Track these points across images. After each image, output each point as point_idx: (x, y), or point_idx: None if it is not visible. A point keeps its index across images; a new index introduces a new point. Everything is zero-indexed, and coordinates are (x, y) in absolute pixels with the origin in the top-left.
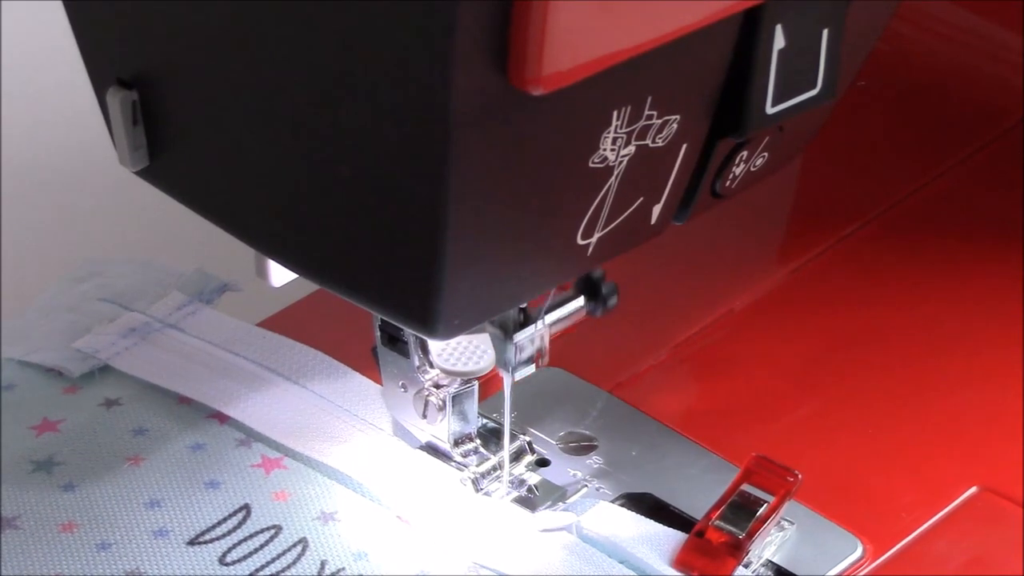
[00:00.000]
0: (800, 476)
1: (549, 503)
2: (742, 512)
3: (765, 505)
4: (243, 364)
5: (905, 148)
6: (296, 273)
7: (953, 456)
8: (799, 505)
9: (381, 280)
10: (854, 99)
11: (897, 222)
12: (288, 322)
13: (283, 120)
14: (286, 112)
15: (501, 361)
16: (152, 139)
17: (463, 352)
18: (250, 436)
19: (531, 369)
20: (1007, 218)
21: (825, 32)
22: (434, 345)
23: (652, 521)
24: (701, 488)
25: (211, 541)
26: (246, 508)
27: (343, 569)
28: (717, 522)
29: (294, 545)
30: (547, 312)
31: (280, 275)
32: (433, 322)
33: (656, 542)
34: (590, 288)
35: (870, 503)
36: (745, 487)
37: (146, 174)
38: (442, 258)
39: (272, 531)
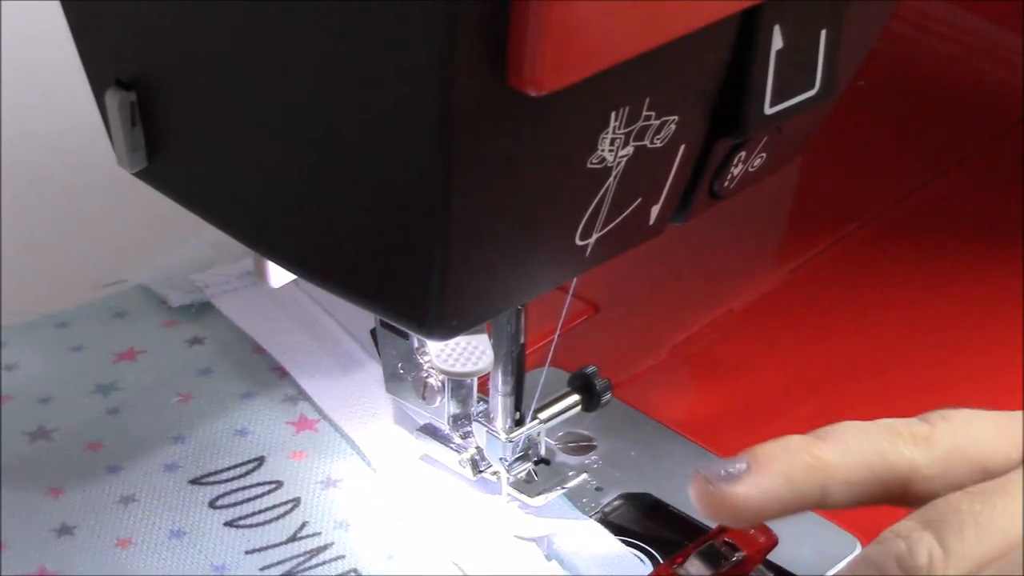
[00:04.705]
0: (777, 539)
1: (547, 488)
2: (712, 560)
3: (738, 556)
4: (333, 329)
5: (904, 148)
6: (294, 274)
7: None
8: None
9: (379, 281)
10: (854, 99)
11: (897, 222)
12: None
13: (281, 121)
14: (284, 113)
15: (495, 457)
16: (150, 140)
17: (461, 352)
18: (301, 395)
19: (528, 467)
20: (1007, 218)
21: (823, 33)
22: (432, 345)
23: (628, 547)
24: None
25: (212, 484)
26: (260, 460)
27: (319, 533)
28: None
29: (286, 502)
30: (541, 410)
31: (279, 275)
32: (431, 323)
33: (621, 568)
34: (584, 384)
35: None
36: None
37: (144, 175)
38: (440, 259)
39: (272, 485)
